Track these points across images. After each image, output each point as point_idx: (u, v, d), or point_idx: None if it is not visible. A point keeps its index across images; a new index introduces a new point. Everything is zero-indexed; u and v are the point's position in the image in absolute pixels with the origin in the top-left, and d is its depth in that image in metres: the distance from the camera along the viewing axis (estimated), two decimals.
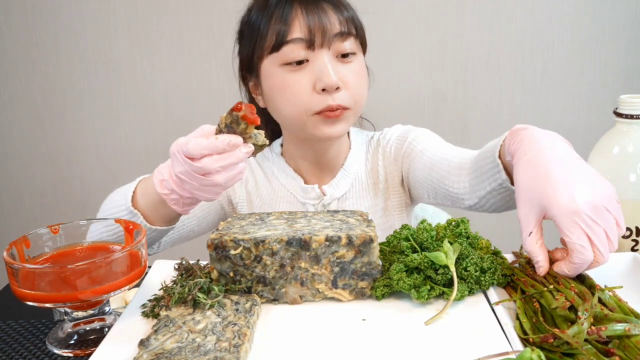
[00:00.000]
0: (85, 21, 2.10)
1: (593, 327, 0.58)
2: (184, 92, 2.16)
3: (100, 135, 2.22)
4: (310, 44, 0.96)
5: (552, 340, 0.59)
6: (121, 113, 2.19)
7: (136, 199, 0.89)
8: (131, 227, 0.78)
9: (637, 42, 2.05)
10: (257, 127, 0.77)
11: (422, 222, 0.78)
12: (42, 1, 2.09)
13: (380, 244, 0.79)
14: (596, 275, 0.74)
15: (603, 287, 0.68)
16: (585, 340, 0.58)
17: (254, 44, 1.00)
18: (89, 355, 0.69)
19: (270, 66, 0.99)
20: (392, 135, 1.13)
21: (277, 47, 0.96)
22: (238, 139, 0.74)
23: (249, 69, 1.05)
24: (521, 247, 0.85)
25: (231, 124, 0.74)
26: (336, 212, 0.83)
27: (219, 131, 0.75)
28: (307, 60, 0.97)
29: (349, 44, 0.98)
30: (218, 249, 0.73)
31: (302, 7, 0.96)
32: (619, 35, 2.04)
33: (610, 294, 0.67)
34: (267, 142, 0.77)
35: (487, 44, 2.07)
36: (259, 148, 0.77)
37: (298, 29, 0.95)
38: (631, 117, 0.85)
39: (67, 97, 2.19)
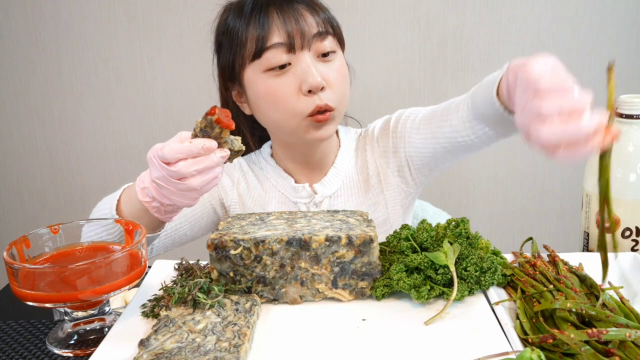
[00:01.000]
0: (85, 21, 2.10)
1: (594, 329, 0.58)
2: (184, 92, 2.16)
3: (100, 135, 2.22)
4: (290, 48, 0.96)
5: (551, 340, 0.59)
6: (121, 113, 2.19)
7: (120, 207, 0.90)
8: (131, 227, 0.78)
9: (637, 42, 2.05)
10: (233, 133, 0.77)
11: (422, 222, 0.78)
12: (42, 1, 2.09)
13: (380, 244, 0.79)
14: (596, 275, 0.74)
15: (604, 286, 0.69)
16: (585, 341, 0.58)
17: (234, 53, 1.00)
18: (89, 355, 0.69)
19: (253, 74, 0.99)
20: (375, 128, 1.13)
21: (258, 54, 0.97)
22: (212, 143, 0.74)
23: (231, 78, 1.04)
24: (521, 247, 0.85)
25: (205, 128, 0.74)
26: (336, 212, 0.83)
27: (195, 136, 0.76)
28: (290, 64, 0.97)
29: (328, 43, 0.99)
30: (218, 249, 0.73)
31: (278, 11, 0.97)
32: (619, 35, 2.04)
33: (611, 293, 0.67)
34: (244, 147, 0.78)
35: (487, 44, 2.07)
36: (235, 154, 0.78)
37: (277, 34, 0.96)
38: (631, 117, 0.85)
39: (67, 97, 2.19)
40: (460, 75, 2.10)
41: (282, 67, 0.97)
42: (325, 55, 0.99)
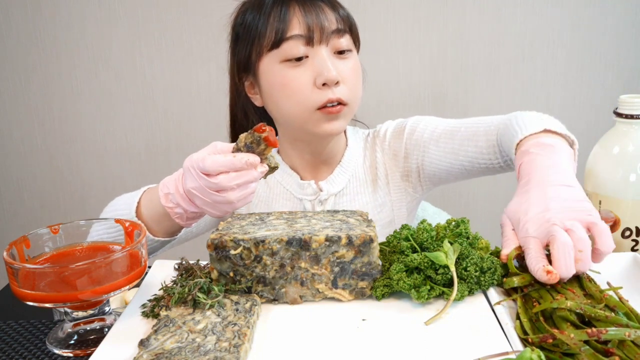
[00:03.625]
0: (85, 21, 2.10)
1: (594, 329, 0.58)
2: (184, 92, 2.16)
3: (100, 135, 2.22)
4: (309, 41, 0.97)
5: (551, 340, 0.59)
6: (121, 113, 2.19)
7: (140, 209, 0.90)
8: (130, 228, 0.78)
9: (637, 42, 2.05)
10: None
11: (422, 222, 0.78)
12: (42, 1, 2.09)
13: (380, 244, 0.79)
14: (596, 275, 0.74)
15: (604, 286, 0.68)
16: (585, 340, 0.58)
17: (252, 43, 1.01)
18: (89, 355, 0.69)
19: (269, 64, 1.00)
20: (387, 131, 1.13)
21: (276, 44, 0.98)
22: (256, 159, 0.76)
23: (245, 69, 1.05)
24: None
25: (251, 144, 0.76)
26: (336, 212, 0.83)
27: (237, 149, 0.76)
28: (307, 57, 0.98)
29: (345, 41, 1.00)
30: (218, 249, 0.73)
31: (299, 5, 0.98)
32: (619, 35, 2.04)
33: (612, 293, 0.67)
34: (279, 164, 0.80)
35: (487, 44, 2.07)
36: (271, 170, 0.79)
37: (297, 26, 0.97)
38: (631, 117, 0.85)
39: (67, 97, 2.19)
40: (461, 76, 2.10)
41: (299, 59, 0.98)
42: (341, 52, 1.00)
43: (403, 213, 1.12)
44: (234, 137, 1.16)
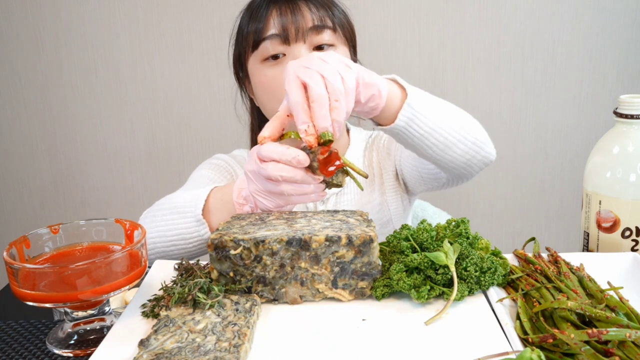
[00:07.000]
0: (86, 21, 2.10)
1: (594, 329, 0.58)
2: (184, 92, 2.16)
3: (101, 135, 2.22)
4: (285, 39, 0.99)
5: (551, 340, 0.59)
6: (121, 113, 2.19)
7: (208, 206, 0.90)
8: (130, 230, 0.78)
9: (637, 42, 2.05)
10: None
11: (422, 222, 0.78)
12: (42, 1, 2.09)
13: (380, 244, 0.79)
14: (596, 275, 0.74)
15: (604, 287, 0.69)
16: (585, 341, 0.58)
17: (240, 45, 1.06)
18: (89, 355, 0.69)
19: (253, 64, 1.04)
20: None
21: (255, 45, 1.01)
22: (305, 159, 0.76)
23: (242, 70, 1.10)
24: (523, 247, 0.85)
25: (311, 152, 0.78)
26: (336, 212, 0.83)
27: (302, 148, 0.78)
28: (284, 55, 1.00)
29: (327, 36, 1.02)
30: (218, 249, 0.73)
31: (277, 7, 1.01)
32: (619, 35, 2.04)
33: (612, 293, 0.67)
34: (343, 184, 0.80)
35: (487, 44, 2.07)
36: (332, 185, 0.80)
37: (272, 26, 1.00)
38: (631, 117, 0.85)
39: (67, 97, 2.19)
40: (460, 76, 2.10)
41: (276, 57, 1.00)
42: (320, 48, 1.01)
43: (400, 213, 1.13)
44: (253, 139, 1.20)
